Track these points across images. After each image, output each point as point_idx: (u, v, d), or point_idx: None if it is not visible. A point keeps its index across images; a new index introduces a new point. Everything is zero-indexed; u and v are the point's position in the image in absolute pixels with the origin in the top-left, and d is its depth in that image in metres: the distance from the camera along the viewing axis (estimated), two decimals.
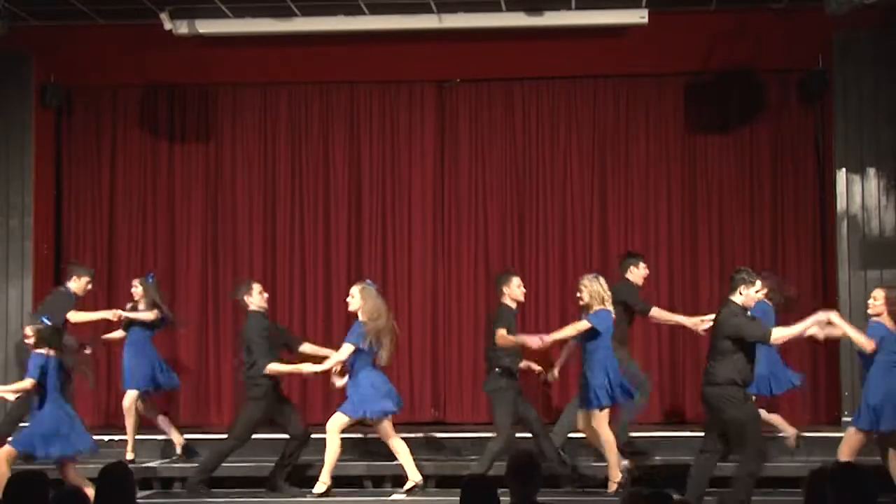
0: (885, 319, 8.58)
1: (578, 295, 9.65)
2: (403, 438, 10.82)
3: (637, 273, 10.52)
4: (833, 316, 8.59)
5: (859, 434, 8.57)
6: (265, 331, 9.83)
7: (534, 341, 9.46)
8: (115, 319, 10.76)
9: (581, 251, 12.57)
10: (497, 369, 9.63)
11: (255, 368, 9.69)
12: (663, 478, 9.69)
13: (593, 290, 9.52)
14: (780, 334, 8.45)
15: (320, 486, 9.56)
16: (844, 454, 8.45)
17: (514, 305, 9.75)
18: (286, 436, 9.96)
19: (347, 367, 9.66)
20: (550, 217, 12.64)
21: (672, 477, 9.74)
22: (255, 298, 9.93)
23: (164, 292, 11.21)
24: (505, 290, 9.73)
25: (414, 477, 9.59)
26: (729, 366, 8.27)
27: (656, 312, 10.41)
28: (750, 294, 8.44)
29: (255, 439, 10.12)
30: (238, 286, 10.35)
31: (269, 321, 10.09)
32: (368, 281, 9.97)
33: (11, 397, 9.53)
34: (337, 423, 9.55)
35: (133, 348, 10.79)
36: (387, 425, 9.63)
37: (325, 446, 9.63)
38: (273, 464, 10.01)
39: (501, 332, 9.50)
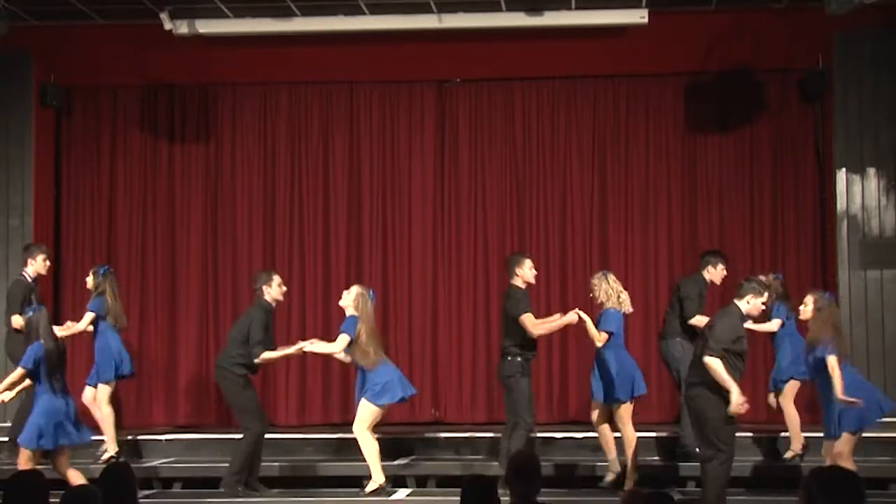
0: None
1: (591, 296, 9.72)
2: (404, 438, 10.86)
3: (714, 273, 10.39)
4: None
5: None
6: (267, 323, 9.85)
7: (571, 318, 9.45)
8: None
9: (581, 251, 12.57)
10: (509, 357, 9.54)
11: (249, 354, 9.68)
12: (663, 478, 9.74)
13: (604, 288, 9.58)
14: (712, 364, 8.13)
15: (371, 485, 9.52)
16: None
17: (524, 286, 9.66)
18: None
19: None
20: (550, 217, 12.64)
21: (671, 478, 9.82)
22: (274, 291, 9.90)
23: (117, 286, 10.77)
24: (517, 271, 9.64)
25: (378, 478, 9.52)
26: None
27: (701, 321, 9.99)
28: (757, 304, 8.46)
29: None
30: (259, 274, 10.31)
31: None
32: (371, 292, 9.95)
33: (10, 395, 9.05)
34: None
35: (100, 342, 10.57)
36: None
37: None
38: (273, 463, 10.01)
39: (528, 317, 9.41)
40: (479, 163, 12.74)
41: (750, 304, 8.41)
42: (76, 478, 8.27)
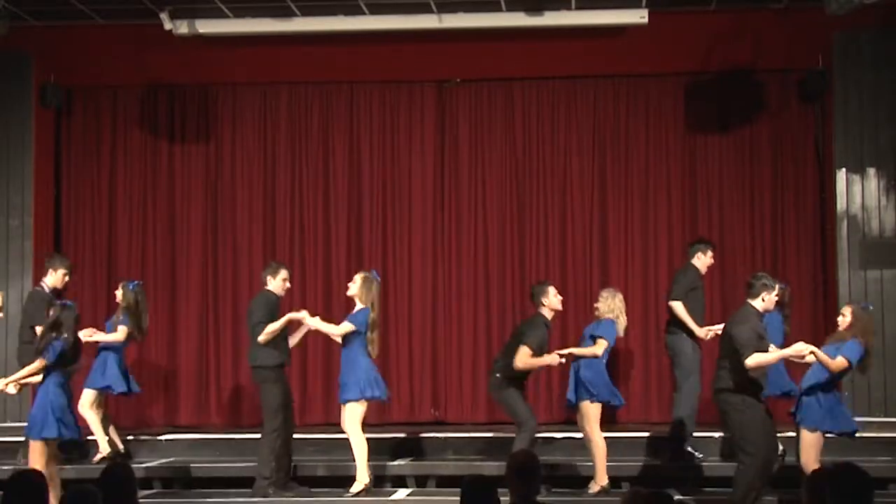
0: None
1: (595, 305, 9.79)
2: (404, 438, 10.85)
3: (703, 260, 10.44)
4: (811, 349, 8.28)
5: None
6: (268, 306, 9.75)
7: (553, 359, 9.54)
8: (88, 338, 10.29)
9: (581, 251, 12.57)
10: (497, 374, 9.63)
11: (255, 338, 9.63)
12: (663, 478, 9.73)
13: (609, 304, 9.67)
14: (758, 359, 8.13)
15: (357, 486, 9.51)
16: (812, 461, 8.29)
17: (550, 315, 9.68)
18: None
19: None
20: (550, 217, 12.64)
21: (671, 478, 9.81)
22: (276, 283, 9.84)
23: (146, 302, 10.91)
24: (543, 300, 9.64)
25: (363, 478, 9.52)
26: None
27: (679, 308, 10.23)
28: (771, 298, 8.42)
29: (254, 439, 10.09)
30: (269, 264, 10.26)
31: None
32: (374, 271, 9.96)
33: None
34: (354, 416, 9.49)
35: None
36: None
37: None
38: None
39: (525, 350, 9.42)
40: (479, 163, 12.74)
41: (765, 300, 8.36)
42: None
